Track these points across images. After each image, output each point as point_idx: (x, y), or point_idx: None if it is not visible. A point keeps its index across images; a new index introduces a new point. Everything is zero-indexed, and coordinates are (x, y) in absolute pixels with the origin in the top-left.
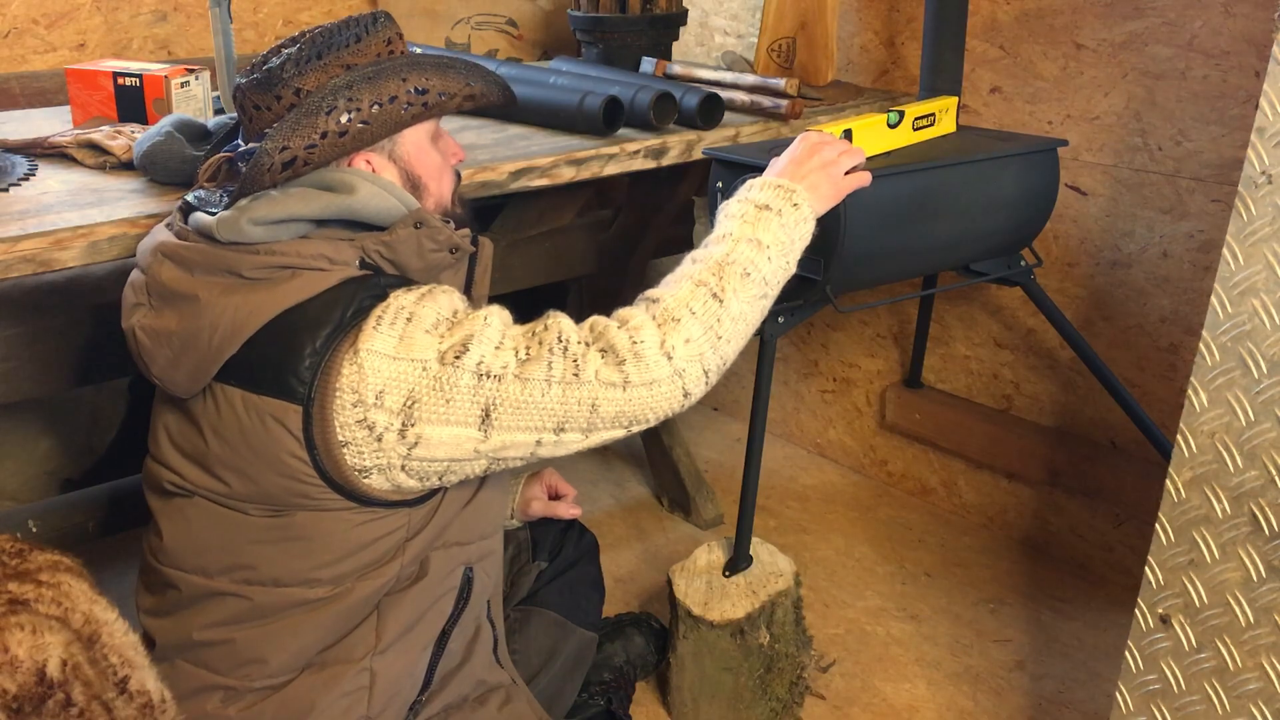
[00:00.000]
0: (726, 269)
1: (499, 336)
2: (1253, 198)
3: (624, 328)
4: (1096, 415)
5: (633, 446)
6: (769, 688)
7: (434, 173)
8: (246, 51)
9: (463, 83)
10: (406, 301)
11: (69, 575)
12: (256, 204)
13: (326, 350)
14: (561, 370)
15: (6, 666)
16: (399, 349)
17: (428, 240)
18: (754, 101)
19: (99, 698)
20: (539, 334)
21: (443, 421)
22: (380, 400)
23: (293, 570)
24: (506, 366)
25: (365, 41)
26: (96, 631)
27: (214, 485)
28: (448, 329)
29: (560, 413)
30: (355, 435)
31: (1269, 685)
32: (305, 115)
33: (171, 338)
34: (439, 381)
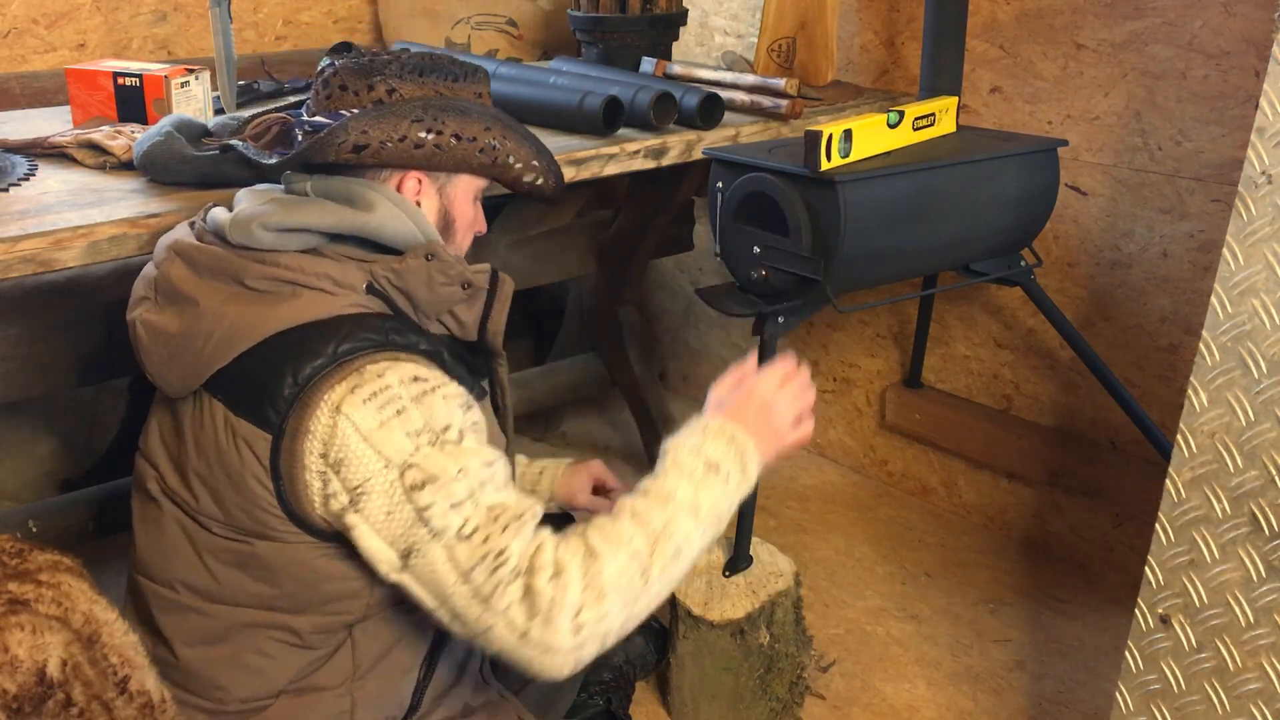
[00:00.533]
0: (661, 544)
1: (464, 494)
2: (1253, 198)
3: (555, 579)
4: (1096, 415)
5: (632, 446)
6: (769, 688)
7: (465, 226)
8: (246, 51)
9: (532, 158)
10: (403, 392)
11: (69, 575)
12: (269, 209)
13: (307, 384)
14: (480, 582)
15: (6, 666)
16: (375, 435)
17: (438, 273)
18: (754, 101)
19: (99, 698)
20: (496, 526)
21: (376, 530)
22: (339, 468)
23: (254, 595)
24: (445, 530)
25: (461, 84)
26: (97, 631)
27: (186, 496)
28: (429, 443)
29: (460, 607)
30: (312, 482)
31: (1269, 685)
32: (393, 114)
33: (169, 338)
34: (391, 490)
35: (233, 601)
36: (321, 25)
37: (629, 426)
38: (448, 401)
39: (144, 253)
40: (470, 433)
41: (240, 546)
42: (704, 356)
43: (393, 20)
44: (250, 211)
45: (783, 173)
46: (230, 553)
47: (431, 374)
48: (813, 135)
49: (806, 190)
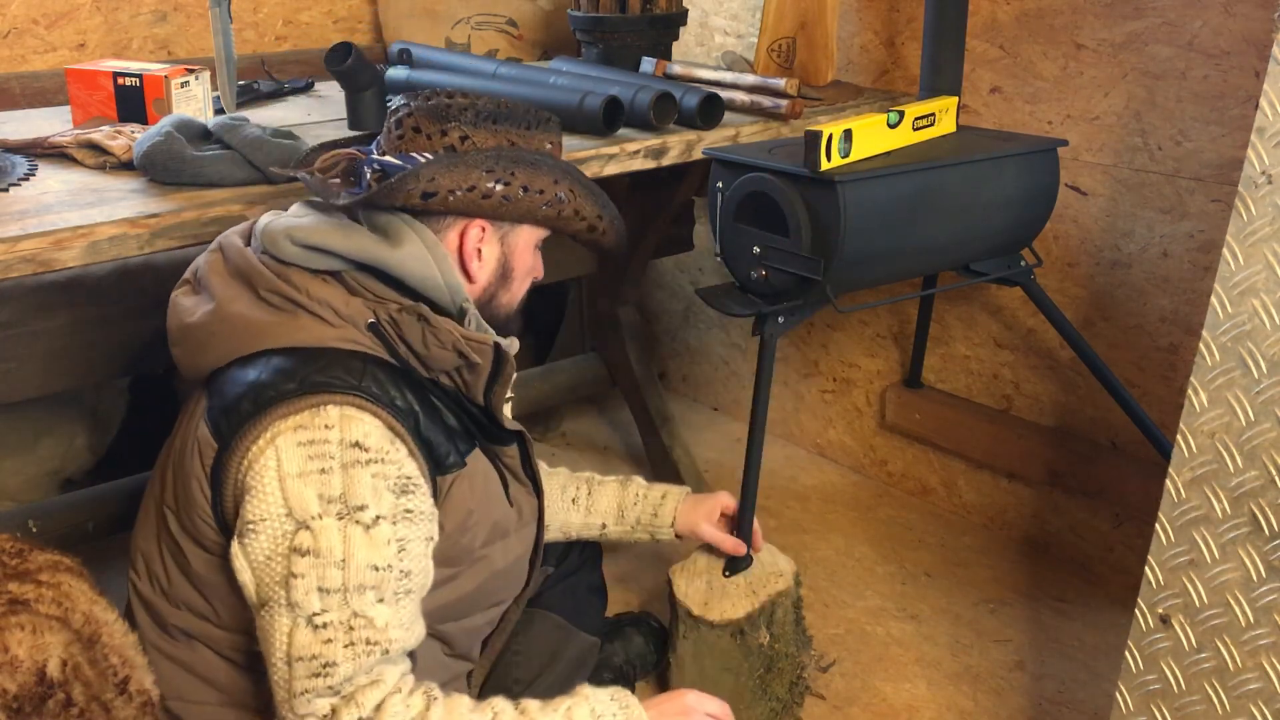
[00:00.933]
0: None
1: (335, 584)
2: (1253, 198)
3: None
4: (1096, 415)
5: (633, 446)
6: (769, 688)
7: (523, 273)
8: (246, 51)
9: (598, 212)
10: (337, 453)
11: (69, 575)
12: (305, 222)
13: (263, 410)
14: (296, 676)
15: (7, 666)
16: (290, 482)
17: (430, 336)
18: (754, 101)
19: (99, 698)
20: (346, 637)
21: (252, 566)
22: (250, 493)
23: (192, 604)
24: (301, 608)
25: (534, 132)
26: (97, 632)
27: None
28: (335, 515)
29: (273, 679)
30: (229, 500)
31: (1269, 685)
32: (464, 163)
33: (187, 327)
34: (279, 540)
35: (175, 603)
36: (321, 25)
37: (629, 426)
38: (376, 481)
39: (144, 253)
40: (389, 522)
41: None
42: (704, 356)
43: (393, 20)
44: (286, 223)
45: (783, 173)
46: (178, 554)
47: (377, 444)
48: (813, 135)
49: (806, 190)
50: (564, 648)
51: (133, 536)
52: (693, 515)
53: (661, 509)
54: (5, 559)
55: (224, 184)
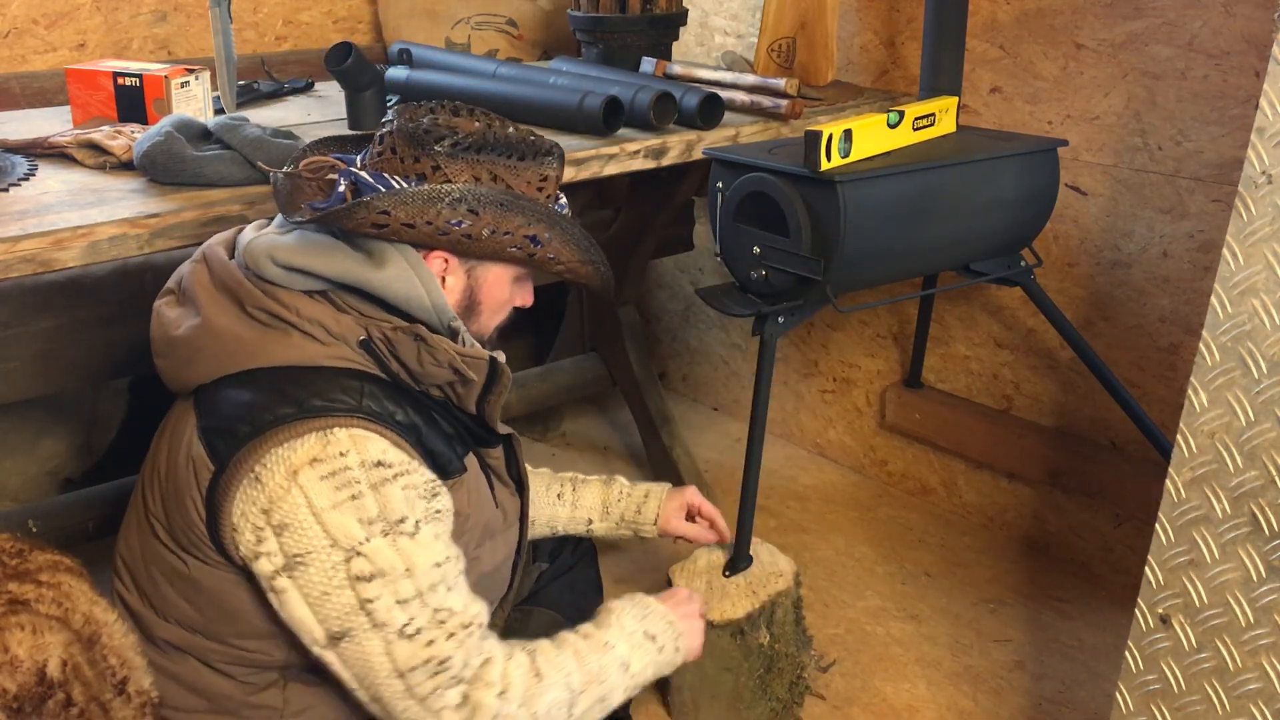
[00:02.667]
0: (591, 687)
1: (410, 593)
2: (1253, 198)
3: (501, 696)
4: (1096, 415)
5: (633, 446)
6: (769, 688)
7: (495, 306)
8: (246, 51)
9: (577, 259)
10: (362, 476)
11: (69, 575)
12: (286, 241)
13: (261, 431)
14: (418, 683)
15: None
16: (326, 515)
17: (427, 354)
18: (754, 101)
19: (98, 698)
20: (441, 631)
21: (308, 603)
22: (280, 532)
23: (180, 611)
24: (388, 625)
25: (526, 163)
26: (96, 632)
27: (150, 498)
28: (381, 533)
29: (386, 697)
30: (244, 530)
31: (1269, 685)
32: (425, 198)
33: (172, 340)
34: (333, 571)
35: (163, 615)
36: (321, 25)
37: (629, 426)
38: (407, 492)
39: (144, 253)
40: (427, 524)
41: (174, 560)
42: (704, 356)
43: (393, 20)
44: (267, 241)
45: (783, 173)
46: (166, 565)
47: (397, 458)
48: (813, 135)
49: (806, 190)
50: None
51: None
52: (668, 513)
53: (645, 506)
54: (5, 559)
55: (224, 184)
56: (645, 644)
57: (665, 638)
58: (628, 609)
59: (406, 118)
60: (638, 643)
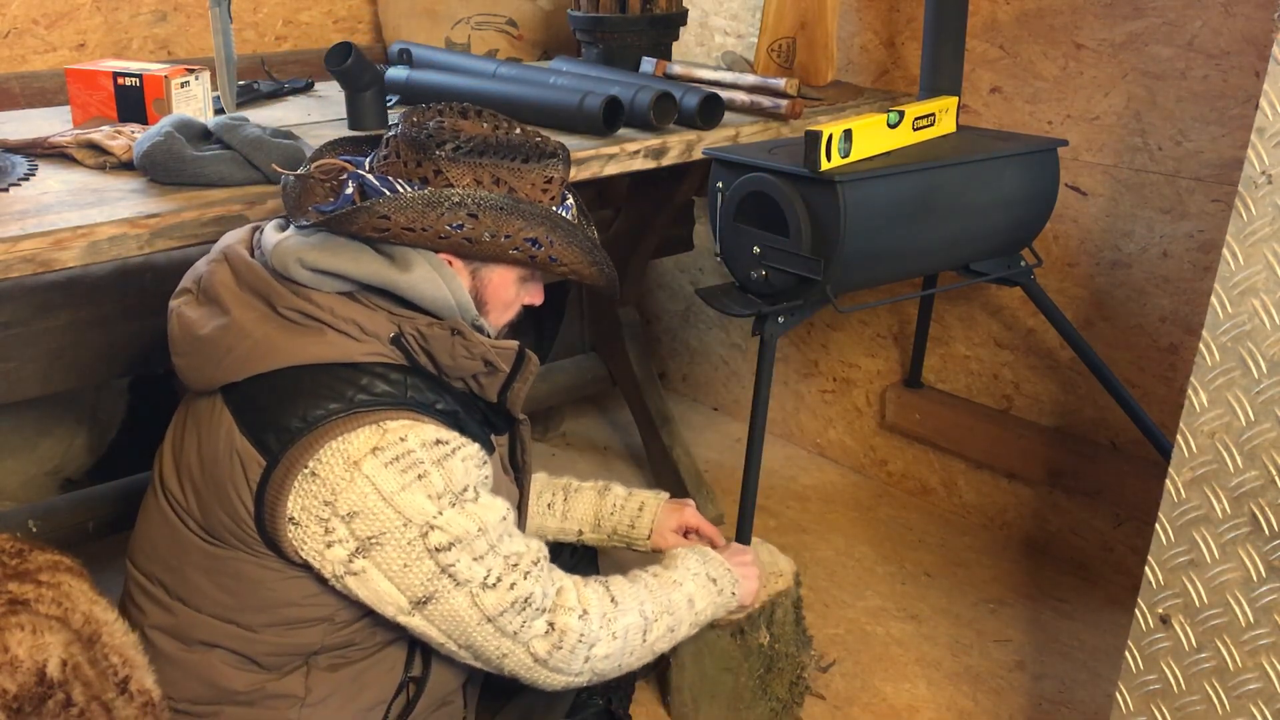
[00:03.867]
0: (663, 616)
1: (485, 549)
2: (1253, 198)
3: (583, 618)
4: (1096, 415)
5: (633, 446)
6: (769, 688)
7: (500, 305)
8: (246, 51)
9: (580, 260)
10: (425, 456)
11: (69, 575)
12: (312, 244)
13: (315, 425)
14: (507, 622)
15: (6, 666)
16: (396, 497)
17: (461, 348)
18: (754, 101)
19: (99, 698)
20: (518, 573)
21: (389, 576)
22: (350, 519)
23: (215, 602)
24: (471, 581)
25: (530, 165)
26: (97, 631)
27: (176, 491)
28: (450, 504)
29: (479, 642)
30: (308, 524)
31: (1269, 685)
32: (425, 202)
33: (197, 340)
34: (410, 546)
35: (196, 607)
36: (321, 25)
37: (629, 426)
38: (466, 463)
39: (144, 253)
40: (483, 489)
41: (213, 550)
42: (704, 356)
43: (393, 20)
44: (294, 244)
45: (783, 173)
46: (203, 555)
47: (450, 435)
48: (813, 135)
49: (806, 190)
50: None
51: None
52: (663, 528)
53: (639, 520)
54: (5, 559)
55: (224, 184)
56: (708, 585)
57: (725, 581)
58: (690, 554)
59: (412, 121)
60: (702, 583)
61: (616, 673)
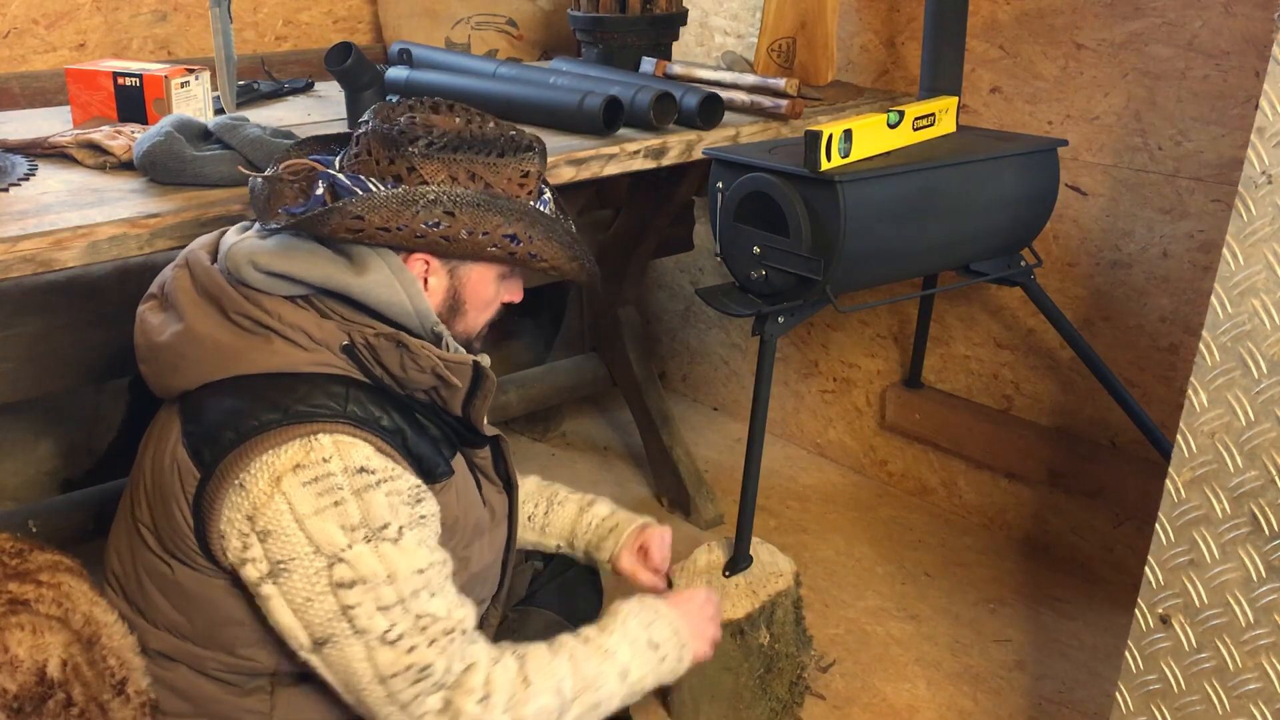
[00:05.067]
0: (585, 694)
1: (392, 600)
2: (1253, 198)
3: (483, 703)
4: (1096, 415)
5: (633, 446)
6: (769, 688)
7: (480, 305)
8: (246, 51)
9: (560, 255)
10: (345, 483)
11: (69, 575)
12: (267, 247)
13: (246, 439)
14: (398, 690)
15: (7, 666)
16: (308, 521)
17: (409, 360)
18: (754, 101)
19: (97, 699)
20: (424, 638)
21: (293, 609)
22: (265, 538)
23: (168, 618)
24: (369, 631)
25: (506, 159)
26: (96, 633)
27: (137, 503)
28: (363, 539)
29: (369, 702)
30: (231, 537)
31: (1269, 685)
32: (399, 201)
33: (156, 346)
34: (316, 578)
35: (152, 621)
36: (321, 25)
37: (629, 426)
38: (391, 498)
39: (144, 253)
40: (411, 530)
41: (163, 567)
42: (704, 356)
43: (392, 20)
44: (248, 246)
45: (783, 173)
46: (156, 572)
47: (381, 464)
48: (813, 135)
49: (806, 190)
50: None
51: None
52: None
53: (605, 543)
54: (5, 559)
55: (224, 184)
56: (647, 653)
57: (669, 647)
58: (634, 614)
59: (382, 118)
60: (639, 650)
61: None
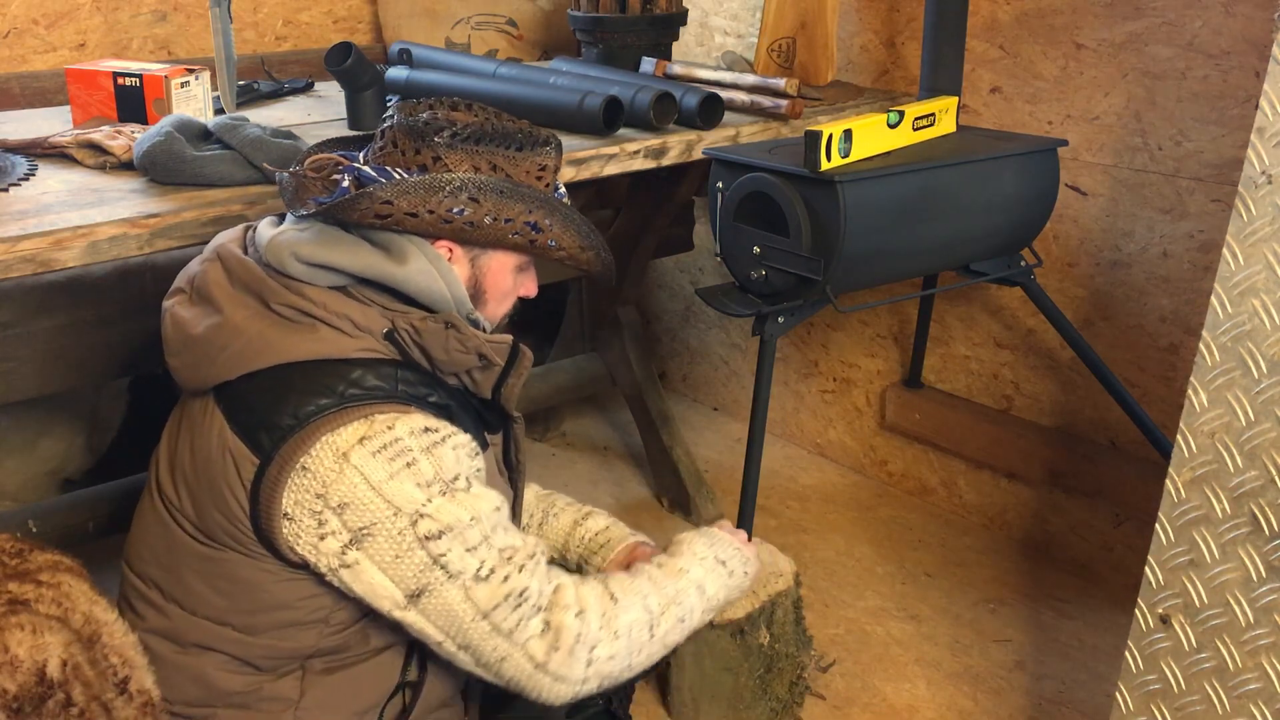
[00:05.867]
0: (670, 608)
1: (478, 539)
2: (1253, 198)
3: (580, 616)
4: (1096, 415)
5: (633, 446)
6: (769, 688)
7: (499, 295)
8: (246, 51)
9: (578, 244)
10: (414, 444)
11: (69, 575)
12: (307, 238)
13: (307, 421)
14: (502, 619)
15: (6, 666)
16: (385, 486)
17: (455, 342)
18: (754, 101)
19: (98, 698)
20: (512, 566)
21: (382, 568)
22: (341, 511)
23: (210, 605)
24: (464, 573)
25: (525, 153)
26: (97, 632)
27: (171, 493)
28: (439, 493)
29: (475, 641)
30: (302, 518)
31: (1269, 685)
32: (427, 186)
33: (190, 339)
34: (401, 536)
35: (191, 610)
36: (321, 25)
37: (629, 426)
38: (457, 451)
39: (144, 253)
40: (476, 479)
41: (209, 552)
42: (704, 356)
43: (393, 20)
44: (289, 238)
45: (783, 173)
46: (198, 558)
47: (440, 424)
48: (813, 135)
49: (806, 190)
50: None
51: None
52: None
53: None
54: (5, 559)
55: (224, 184)
56: (718, 568)
57: (735, 562)
58: (697, 538)
59: (406, 112)
60: (710, 567)
61: (628, 673)
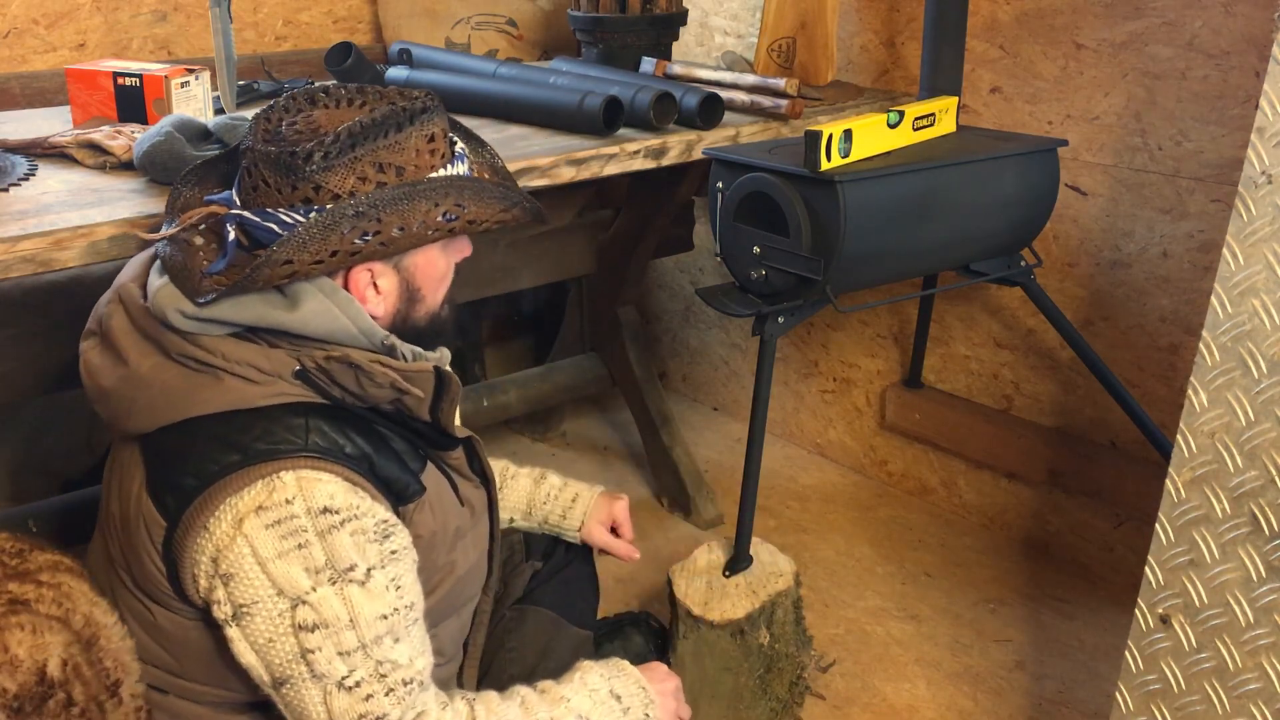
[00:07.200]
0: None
1: (353, 645)
2: (1253, 198)
3: None
4: (1096, 415)
5: (633, 446)
6: (769, 688)
7: (434, 283)
8: (246, 51)
9: (498, 209)
10: (309, 524)
11: (69, 575)
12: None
13: (208, 484)
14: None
15: (7, 666)
16: (271, 564)
17: (365, 379)
18: (754, 101)
19: (96, 699)
20: (381, 686)
21: (255, 649)
22: (227, 581)
23: (157, 658)
24: (327, 676)
25: (405, 133)
26: (95, 634)
27: (110, 542)
28: (328, 581)
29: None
30: (201, 580)
31: (1269, 685)
32: (323, 228)
33: (103, 391)
34: (279, 619)
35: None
36: (321, 25)
37: (629, 426)
38: (356, 538)
39: None
40: (381, 569)
41: (143, 610)
42: (704, 356)
43: (392, 20)
44: (171, 292)
45: (783, 173)
46: (137, 614)
47: (345, 502)
48: (813, 135)
49: (806, 190)
50: (556, 642)
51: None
52: (592, 520)
53: (571, 512)
54: (5, 559)
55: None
56: (609, 702)
57: (634, 700)
58: (596, 668)
59: (263, 137)
60: (601, 699)
61: None
